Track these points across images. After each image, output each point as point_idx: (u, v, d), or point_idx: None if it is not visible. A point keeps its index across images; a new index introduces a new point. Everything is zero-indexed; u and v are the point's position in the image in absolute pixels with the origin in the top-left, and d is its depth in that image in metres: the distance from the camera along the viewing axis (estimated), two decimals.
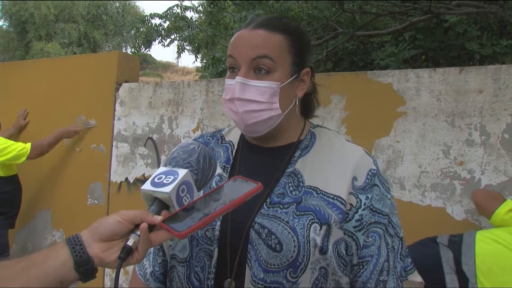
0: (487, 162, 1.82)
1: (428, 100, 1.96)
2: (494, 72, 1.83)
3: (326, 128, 1.02)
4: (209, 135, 1.07)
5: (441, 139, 1.92)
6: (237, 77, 0.87)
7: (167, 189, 0.71)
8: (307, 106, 1.01)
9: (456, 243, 1.62)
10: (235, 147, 0.99)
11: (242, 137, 1.02)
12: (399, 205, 1.97)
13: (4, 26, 20.58)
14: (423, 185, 1.95)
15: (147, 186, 0.74)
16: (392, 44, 3.82)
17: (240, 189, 0.74)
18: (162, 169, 0.77)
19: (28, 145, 2.88)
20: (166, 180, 0.73)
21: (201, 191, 0.81)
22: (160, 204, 0.73)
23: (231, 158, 0.97)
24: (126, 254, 0.68)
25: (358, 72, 2.22)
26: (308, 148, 0.94)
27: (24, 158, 2.85)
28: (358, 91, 2.13)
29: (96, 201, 2.98)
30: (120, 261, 0.67)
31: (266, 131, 0.91)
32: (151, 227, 0.70)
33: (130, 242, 0.68)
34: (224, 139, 1.04)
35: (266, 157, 0.95)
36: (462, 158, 1.87)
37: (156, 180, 0.74)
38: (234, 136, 1.03)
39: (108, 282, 2.87)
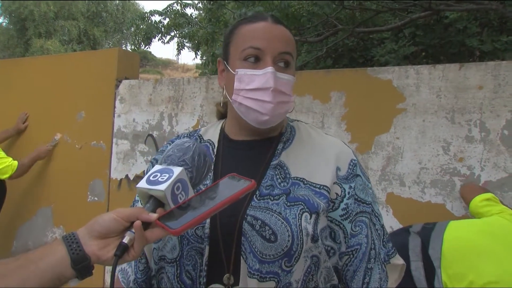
0: (487, 159, 1.83)
1: (428, 96, 1.96)
2: (494, 68, 1.83)
3: (301, 121, 1.05)
4: (185, 135, 1.07)
5: (441, 135, 1.92)
6: (270, 67, 0.88)
7: (162, 187, 0.72)
8: None
9: (428, 230, 1.62)
10: (216, 146, 0.99)
11: (222, 134, 1.02)
12: (398, 202, 1.99)
13: (4, 24, 20.59)
14: (422, 182, 1.95)
15: (142, 184, 0.74)
16: (392, 41, 3.82)
17: (235, 186, 0.75)
18: (157, 167, 0.78)
19: (16, 163, 2.90)
20: (161, 178, 0.74)
21: (196, 189, 0.81)
22: (156, 201, 0.74)
23: (213, 156, 0.98)
24: (122, 251, 0.68)
25: (358, 68, 2.22)
26: (290, 141, 0.97)
27: (7, 176, 2.89)
28: (358, 88, 2.12)
29: (96, 198, 2.99)
30: (116, 258, 0.68)
31: (276, 123, 0.93)
32: (147, 225, 0.71)
33: (125, 240, 0.69)
34: (203, 138, 1.03)
35: (248, 151, 0.96)
36: (461, 155, 1.87)
37: (151, 178, 0.75)
38: (212, 135, 1.03)
39: (108, 279, 2.88)
